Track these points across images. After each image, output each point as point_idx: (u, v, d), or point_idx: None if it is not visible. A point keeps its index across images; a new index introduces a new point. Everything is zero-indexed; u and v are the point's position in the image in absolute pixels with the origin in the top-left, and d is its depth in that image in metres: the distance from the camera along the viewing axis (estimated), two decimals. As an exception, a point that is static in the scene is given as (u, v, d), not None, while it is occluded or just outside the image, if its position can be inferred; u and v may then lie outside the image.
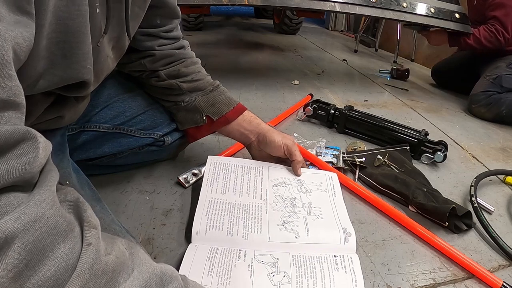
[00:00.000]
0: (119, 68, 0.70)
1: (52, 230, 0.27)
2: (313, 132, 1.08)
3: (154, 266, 0.34)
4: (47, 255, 0.26)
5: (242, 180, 0.68)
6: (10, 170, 0.25)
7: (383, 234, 0.64)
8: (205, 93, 0.70)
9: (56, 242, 0.27)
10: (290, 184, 0.69)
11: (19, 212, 0.25)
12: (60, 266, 0.26)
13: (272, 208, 0.63)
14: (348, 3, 1.29)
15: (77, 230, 0.30)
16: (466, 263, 0.56)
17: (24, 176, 0.26)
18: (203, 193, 0.63)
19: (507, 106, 1.34)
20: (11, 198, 0.25)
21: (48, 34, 0.35)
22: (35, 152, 0.27)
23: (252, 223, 0.58)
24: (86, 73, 0.43)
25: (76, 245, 0.28)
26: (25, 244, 0.25)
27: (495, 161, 1.01)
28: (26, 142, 0.26)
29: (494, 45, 1.48)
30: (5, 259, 0.24)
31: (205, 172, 0.69)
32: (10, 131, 0.25)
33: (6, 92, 0.25)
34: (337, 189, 0.70)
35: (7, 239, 0.24)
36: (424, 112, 1.39)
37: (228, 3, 1.22)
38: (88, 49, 0.41)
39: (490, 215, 0.74)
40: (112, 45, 0.52)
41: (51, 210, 0.27)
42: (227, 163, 0.72)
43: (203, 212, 0.59)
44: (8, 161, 0.25)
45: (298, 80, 1.63)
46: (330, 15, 4.10)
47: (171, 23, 0.68)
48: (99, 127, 0.66)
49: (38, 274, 0.25)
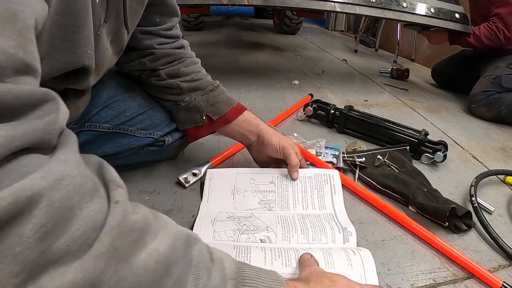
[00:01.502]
0: (119, 67, 0.70)
1: (79, 189, 0.26)
2: (313, 132, 1.08)
3: (179, 228, 0.34)
4: (75, 214, 0.25)
5: (237, 193, 0.69)
6: (33, 129, 0.24)
7: (383, 234, 0.64)
8: (205, 92, 0.70)
9: (83, 201, 0.26)
10: (288, 185, 0.70)
11: (44, 170, 0.24)
12: (88, 225, 0.26)
13: (269, 209, 0.64)
14: (348, 3, 1.29)
15: (103, 190, 0.29)
16: (466, 263, 0.56)
17: (45, 137, 0.26)
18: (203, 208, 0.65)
19: (507, 106, 1.34)
20: (34, 159, 0.25)
21: (51, 16, 0.35)
22: (56, 113, 0.26)
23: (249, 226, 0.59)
24: (87, 58, 0.43)
25: (103, 204, 0.27)
26: (52, 202, 0.24)
27: (495, 161, 1.01)
28: (47, 103, 0.26)
29: (495, 43, 1.48)
30: (32, 218, 0.23)
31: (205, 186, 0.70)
32: (31, 91, 0.25)
33: (28, 56, 0.25)
34: (338, 188, 0.70)
35: (34, 198, 0.23)
36: (424, 112, 1.39)
37: (228, 3, 1.22)
38: (89, 34, 0.41)
39: (490, 215, 0.74)
40: (110, 39, 0.52)
41: (76, 170, 0.27)
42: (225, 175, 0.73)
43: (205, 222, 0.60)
44: (30, 121, 0.24)
45: (298, 80, 1.63)
46: (330, 15, 4.09)
47: (170, 21, 0.68)
48: (99, 127, 0.66)
49: (66, 233, 0.24)
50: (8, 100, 0.23)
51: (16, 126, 0.24)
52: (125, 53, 0.66)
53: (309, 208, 0.66)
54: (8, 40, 0.25)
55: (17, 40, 0.25)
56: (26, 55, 0.25)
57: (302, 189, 0.69)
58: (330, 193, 0.69)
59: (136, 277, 0.27)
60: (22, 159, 0.24)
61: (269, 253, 0.49)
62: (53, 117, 0.26)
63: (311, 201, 0.67)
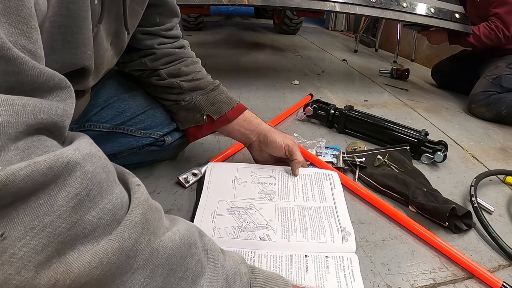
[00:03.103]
0: (120, 67, 0.70)
1: (105, 167, 0.27)
2: (313, 132, 1.08)
3: (187, 221, 0.35)
4: (105, 189, 0.26)
5: (238, 183, 0.69)
6: (55, 107, 0.25)
7: (383, 234, 0.64)
8: (205, 92, 0.70)
9: (109, 180, 0.27)
10: (289, 179, 0.70)
11: (75, 145, 0.25)
12: (117, 201, 0.26)
13: (269, 199, 0.64)
14: (348, 3, 1.29)
15: (121, 177, 0.31)
16: (466, 263, 0.56)
17: (64, 121, 0.26)
18: (203, 200, 0.64)
19: (507, 106, 1.34)
20: (54, 142, 0.25)
21: (50, 17, 0.35)
22: (72, 100, 0.28)
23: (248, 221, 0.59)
24: (87, 59, 0.43)
25: (122, 189, 0.29)
26: (86, 173, 0.24)
27: (495, 161, 1.01)
28: (66, 89, 0.27)
29: (494, 42, 1.48)
30: (66, 186, 0.22)
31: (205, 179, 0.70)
32: (53, 73, 0.25)
33: (33, 44, 0.25)
34: (338, 188, 0.70)
35: (69, 165, 0.23)
36: (424, 112, 1.39)
37: (228, 3, 1.22)
38: (88, 35, 0.41)
39: (490, 215, 0.74)
40: (111, 40, 0.52)
41: (100, 152, 0.28)
42: (226, 168, 0.73)
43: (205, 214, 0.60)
44: (53, 100, 0.25)
45: (298, 80, 1.63)
46: (330, 15, 4.09)
47: (170, 21, 0.68)
48: (99, 126, 0.66)
49: (98, 206, 0.25)
50: (32, 75, 0.24)
51: (41, 102, 0.24)
52: (125, 53, 0.66)
53: (309, 200, 0.66)
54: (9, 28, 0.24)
55: (19, 28, 0.25)
56: (31, 43, 0.25)
57: (302, 183, 0.70)
58: (330, 188, 0.70)
59: (166, 251, 0.28)
60: (45, 140, 0.24)
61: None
62: (70, 102, 0.27)
63: (311, 194, 0.68)
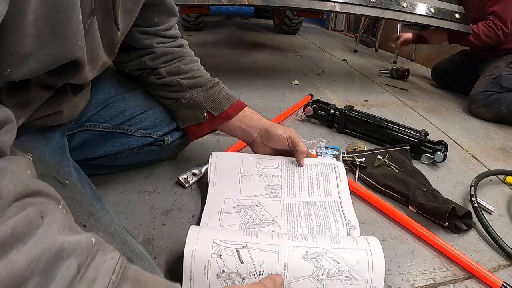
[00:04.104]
0: (120, 67, 0.70)
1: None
2: (313, 132, 1.08)
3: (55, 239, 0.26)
4: None
5: (243, 176, 0.68)
6: None
7: (383, 234, 0.64)
8: (205, 89, 0.70)
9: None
10: (294, 171, 0.70)
11: None
12: None
13: (274, 195, 0.64)
14: (348, 3, 1.29)
15: None
16: (466, 263, 0.57)
17: None
18: (210, 193, 0.64)
19: (506, 106, 1.34)
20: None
21: (35, 10, 0.34)
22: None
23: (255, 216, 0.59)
24: (78, 50, 0.42)
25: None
26: None
27: (495, 161, 1.01)
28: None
29: (494, 40, 1.48)
30: None
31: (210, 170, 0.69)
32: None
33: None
34: (343, 180, 0.69)
35: None
36: (424, 112, 1.39)
37: (228, 3, 1.22)
38: (77, 26, 0.41)
39: (490, 215, 0.74)
40: (101, 34, 0.51)
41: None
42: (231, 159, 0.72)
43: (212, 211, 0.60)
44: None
45: (298, 80, 1.63)
46: (330, 15, 4.09)
47: (169, 21, 0.68)
48: (99, 126, 0.66)
49: None
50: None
51: None
52: (125, 52, 0.66)
53: (314, 195, 0.66)
54: None
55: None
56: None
57: (308, 175, 0.69)
58: (336, 180, 0.69)
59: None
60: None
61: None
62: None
63: (316, 188, 0.67)
